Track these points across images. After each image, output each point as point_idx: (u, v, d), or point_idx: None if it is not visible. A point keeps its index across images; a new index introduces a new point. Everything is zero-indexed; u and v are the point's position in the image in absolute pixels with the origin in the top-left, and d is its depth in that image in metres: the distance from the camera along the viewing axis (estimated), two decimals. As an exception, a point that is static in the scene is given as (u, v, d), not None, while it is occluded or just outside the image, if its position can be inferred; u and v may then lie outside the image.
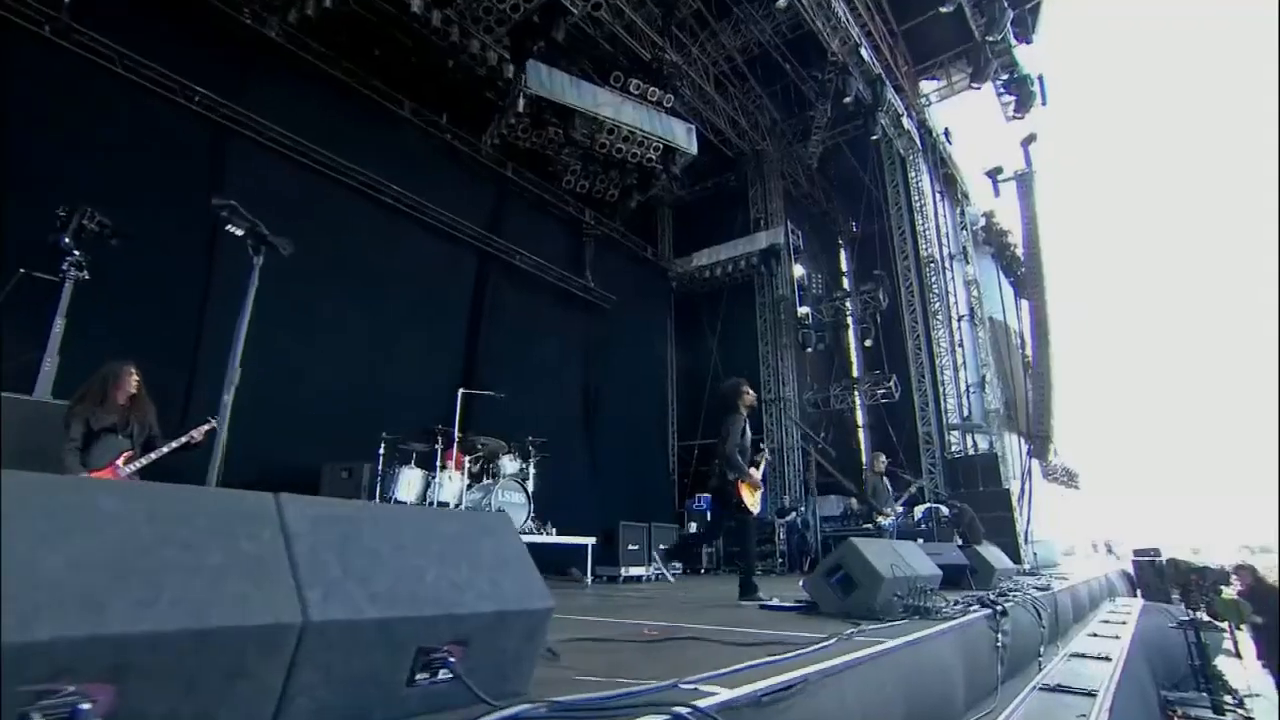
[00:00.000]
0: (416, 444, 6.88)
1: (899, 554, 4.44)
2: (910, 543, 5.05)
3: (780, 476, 13.67)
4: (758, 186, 15.52)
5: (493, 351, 10.48)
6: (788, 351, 14.28)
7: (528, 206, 11.60)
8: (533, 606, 1.72)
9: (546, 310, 11.64)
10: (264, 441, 7.12)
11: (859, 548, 4.10)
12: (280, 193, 7.83)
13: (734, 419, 5.10)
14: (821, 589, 4.17)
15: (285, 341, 7.61)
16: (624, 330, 13.13)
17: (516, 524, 6.85)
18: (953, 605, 4.21)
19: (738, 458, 4.99)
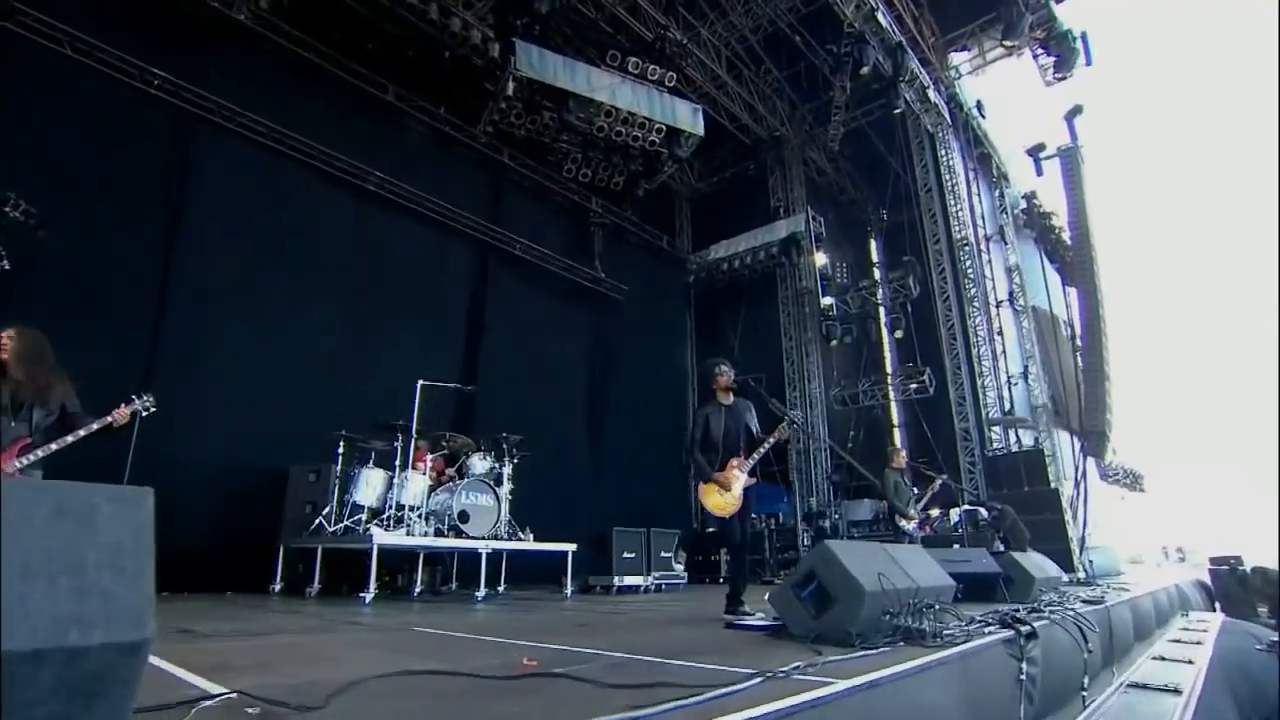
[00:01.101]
0: (377, 442, 6.26)
1: (895, 561, 3.52)
2: (915, 548, 4.10)
3: (808, 479, 12.65)
4: (777, 174, 14.58)
5: (494, 347, 9.89)
6: (813, 346, 13.30)
7: (528, 195, 11.04)
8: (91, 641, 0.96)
9: (552, 303, 10.98)
10: (231, 442, 6.68)
11: (835, 553, 3.21)
12: (252, 181, 7.43)
13: (700, 409, 4.37)
14: (789, 605, 3.29)
15: (263, 338, 7.23)
16: (638, 325, 12.40)
17: (484, 528, 6.14)
18: (963, 625, 3.27)
19: (695, 455, 4.23)
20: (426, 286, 9.12)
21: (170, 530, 5.96)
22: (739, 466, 4.27)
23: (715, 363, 4.50)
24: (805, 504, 12.22)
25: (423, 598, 6.32)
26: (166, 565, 5.04)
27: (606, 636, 3.43)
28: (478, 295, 9.89)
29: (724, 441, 4.30)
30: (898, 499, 6.71)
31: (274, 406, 7.08)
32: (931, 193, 13.04)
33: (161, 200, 6.57)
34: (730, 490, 4.18)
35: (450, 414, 8.70)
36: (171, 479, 6.11)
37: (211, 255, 6.85)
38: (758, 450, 4.25)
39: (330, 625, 3.67)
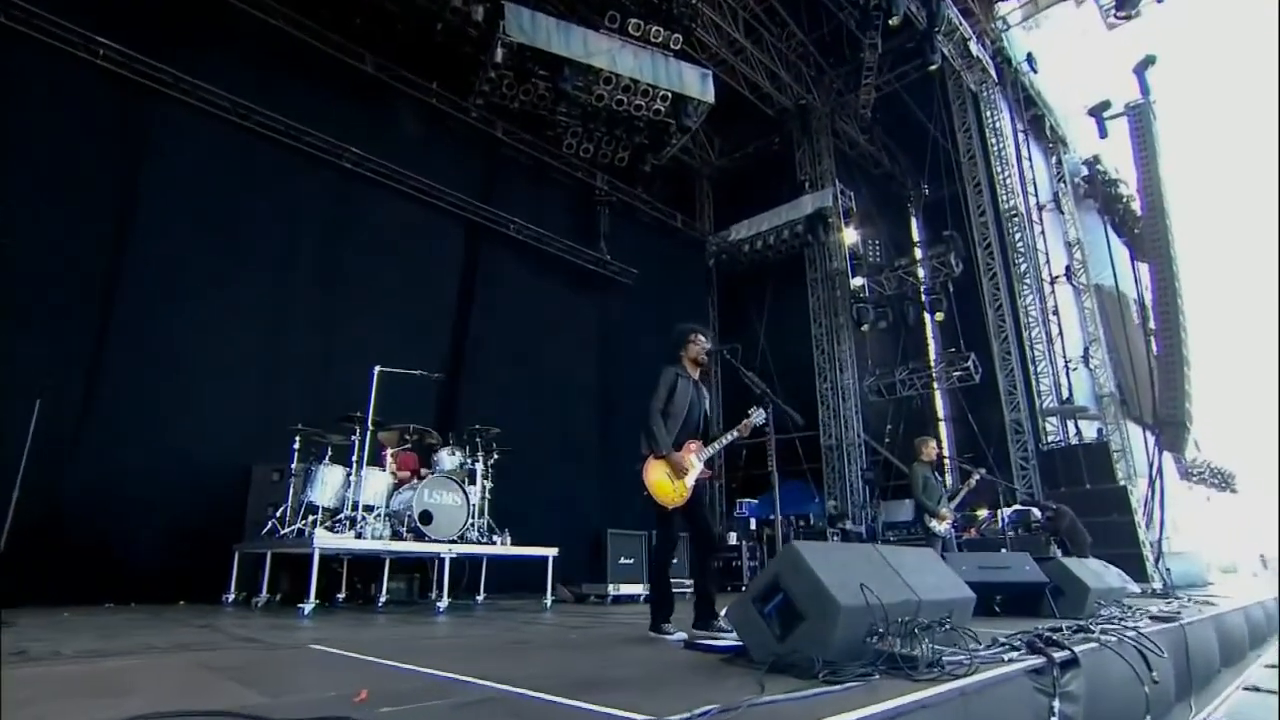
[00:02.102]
0: (334, 436, 5.90)
1: (891, 568, 2.88)
2: (923, 552, 3.43)
3: (841, 477, 11.89)
4: (804, 148, 13.85)
5: (484, 335, 9.49)
6: (844, 332, 12.59)
7: (525, 173, 10.61)
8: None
9: (552, 288, 10.51)
10: (192, 440, 6.46)
11: (805, 557, 2.59)
12: (215, 160, 7.18)
13: (669, 368, 3.77)
14: (750, 622, 2.69)
15: (228, 329, 6.98)
16: (650, 312, 11.80)
17: (450, 530, 5.68)
18: (975, 651, 2.62)
19: (657, 422, 3.61)
20: (410, 271, 8.76)
21: (121, 537, 5.73)
22: (697, 453, 3.69)
23: (692, 328, 3.91)
24: (838, 504, 11.44)
25: (386, 608, 5.91)
26: (114, 574, 4.62)
27: (526, 659, 2.90)
28: (467, 279, 9.51)
29: (687, 418, 3.73)
30: (927, 497, 6.00)
31: (239, 401, 6.83)
32: (975, 160, 12.10)
33: (113, 183, 6.33)
34: (683, 479, 3.59)
35: (433, 407, 8.36)
36: (123, 481, 5.90)
37: (170, 241, 6.60)
38: (719, 440, 3.71)
39: (211, 643, 3.23)
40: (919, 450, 6.23)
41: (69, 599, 5.00)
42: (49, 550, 5.14)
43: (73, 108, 6.28)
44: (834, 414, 12.18)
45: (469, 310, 9.46)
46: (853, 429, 11.95)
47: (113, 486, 5.79)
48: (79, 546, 5.45)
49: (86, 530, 5.51)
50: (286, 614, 4.82)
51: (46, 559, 5.05)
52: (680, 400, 3.70)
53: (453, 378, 9.03)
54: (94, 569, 5.41)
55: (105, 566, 5.48)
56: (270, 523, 5.67)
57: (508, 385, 9.40)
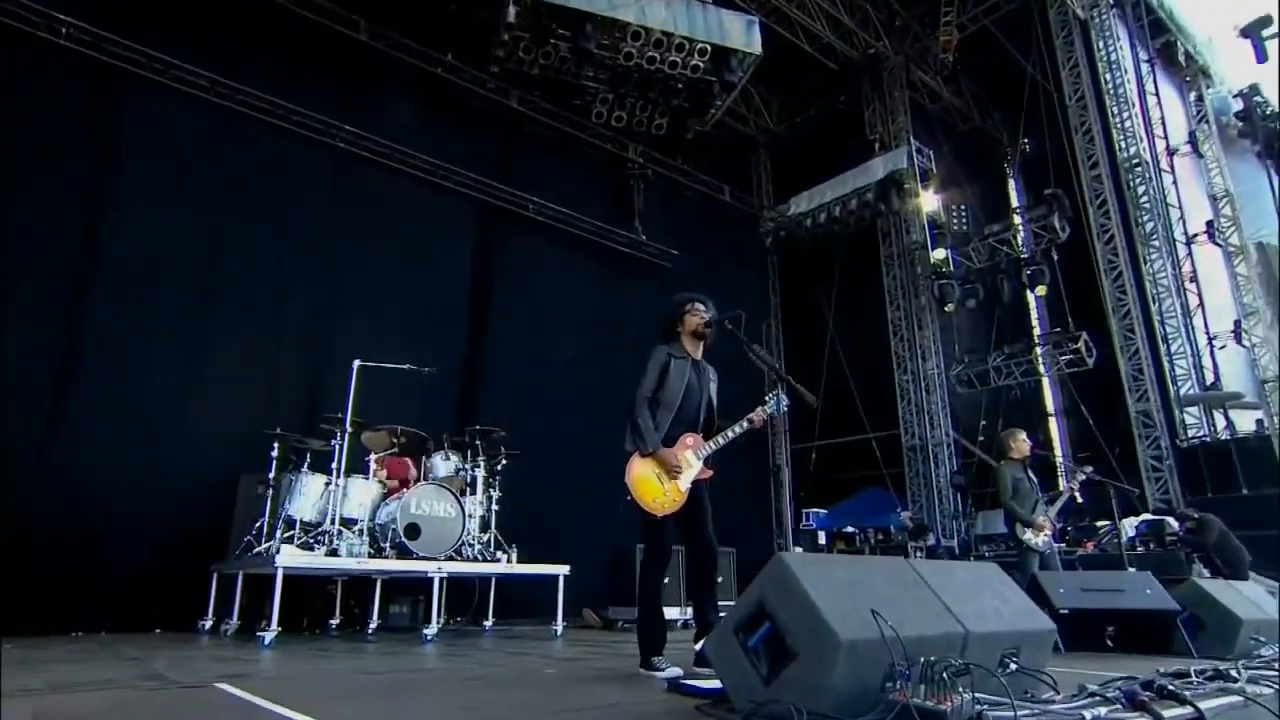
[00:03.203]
0: (315, 441, 5.76)
1: (925, 588, 2.34)
2: (983, 568, 2.83)
3: (926, 483, 11.06)
4: (875, 105, 13.03)
5: (506, 329, 9.25)
6: (926, 315, 11.75)
7: (548, 147, 10.36)
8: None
9: (581, 274, 10.21)
10: (173, 449, 6.47)
11: (795, 575, 2.10)
12: (195, 145, 7.18)
13: (660, 349, 3.49)
14: (731, 658, 2.21)
15: (213, 326, 6.96)
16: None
17: (441, 546, 5.39)
18: (1049, 704, 2.04)
19: (642, 413, 3.33)
20: (417, 260, 8.60)
21: (92, 557, 5.70)
22: (695, 449, 3.37)
23: (689, 297, 3.64)
24: (919, 515, 10.59)
25: (378, 636, 5.69)
26: (84, 600, 4.43)
27: (454, 702, 2.49)
28: (483, 267, 9.30)
29: (683, 406, 3.40)
30: (1018, 502, 5.31)
31: (227, 404, 6.77)
32: (1085, 102, 11.00)
33: (82, 172, 6.39)
34: (674, 480, 3.26)
35: (451, 409, 8.18)
36: (96, 495, 5.89)
37: (146, 232, 6.61)
38: (724, 433, 3.38)
39: (106, 682, 2.99)
40: (1006, 446, 5.67)
41: (31, 628, 4.92)
42: (9, 573, 5.11)
43: (36, 92, 6.33)
44: (916, 410, 11.35)
45: (487, 302, 9.25)
46: (939, 426, 11.09)
47: (84, 501, 5.79)
48: (45, 569, 5.43)
49: (53, 551, 5.49)
50: (247, 643, 4.61)
51: (5, 583, 5.01)
52: (674, 385, 3.39)
53: (471, 377, 8.89)
54: (61, 594, 5.38)
55: (74, 591, 5.46)
56: (247, 539, 5.52)
57: (532, 384, 9.13)
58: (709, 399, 3.53)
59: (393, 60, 8.73)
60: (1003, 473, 5.50)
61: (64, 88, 6.49)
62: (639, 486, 3.24)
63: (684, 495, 3.27)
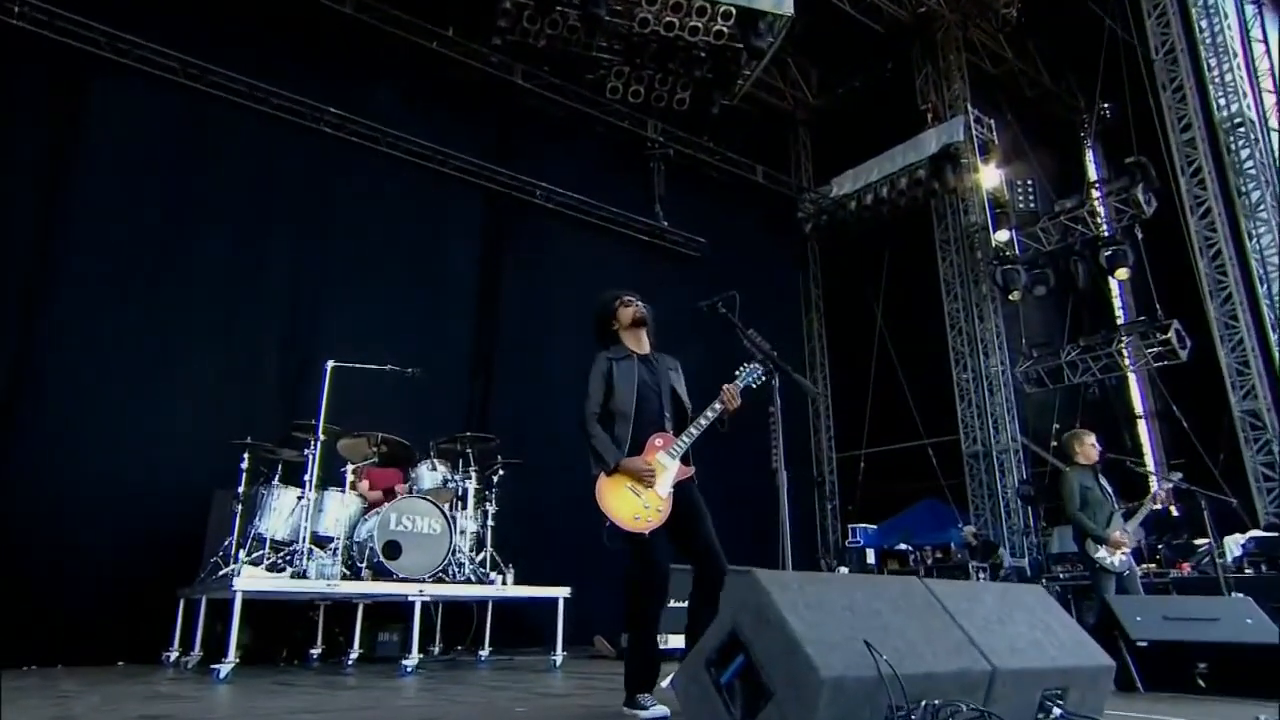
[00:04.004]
0: (287, 451, 5.63)
1: (944, 613, 2.06)
2: (1024, 591, 2.49)
3: (990, 494, 10.63)
4: (927, 71, 12.61)
5: (513, 328, 9.13)
6: (988, 305, 11.31)
7: (556, 127, 10.19)
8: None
9: (596, 265, 9.96)
10: (140, 462, 6.39)
11: (774, 598, 1.83)
12: (162, 132, 7.16)
13: (600, 357, 3.41)
14: (700, 696, 2.01)
15: (183, 328, 6.92)
16: (729, 288, 10.98)
17: (425, 566, 5.22)
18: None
19: (593, 430, 3.23)
20: (414, 254, 8.54)
21: (49, 583, 5.66)
22: (667, 448, 3.22)
23: (612, 294, 3.61)
24: (984, 532, 10.11)
25: (358, 666, 5.57)
26: (39, 631, 4.17)
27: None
28: (489, 260, 9.20)
29: (641, 409, 3.28)
30: (1086, 515, 4.90)
31: (200, 415, 6.71)
32: (1176, 54, 10.34)
33: (39, 162, 6.39)
34: (652, 487, 3.12)
35: (455, 415, 8.05)
36: (53, 514, 5.86)
37: (111, 227, 6.60)
38: (696, 422, 3.26)
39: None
40: (1071, 449, 5.29)
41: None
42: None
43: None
44: (978, 412, 10.88)
45: (493, 298, 9.13)
46: (1005, 431, 10.61)
47: (40, 522, 5.75)
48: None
49: (3, 576, 5.40)
50: (205, 677, 4.47)
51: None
52: (623, 390, 3.29)
53: (480, 380, 8.82)
54: (14, 624, 5.28)
55: (28, 620, 5.35)
56: (213, 560, 5.41)
57: (544, 387, 8.92)
58: (672, 392, 3.40)
59: (381, 35, 8.62)
60: (1068, 480, 5.14)
61: (18, 72, 6.48)
62: (614, 506, 3.08)
63: (667, 502, 3.12)
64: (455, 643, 6.85)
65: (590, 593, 6.02)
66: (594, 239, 10.00)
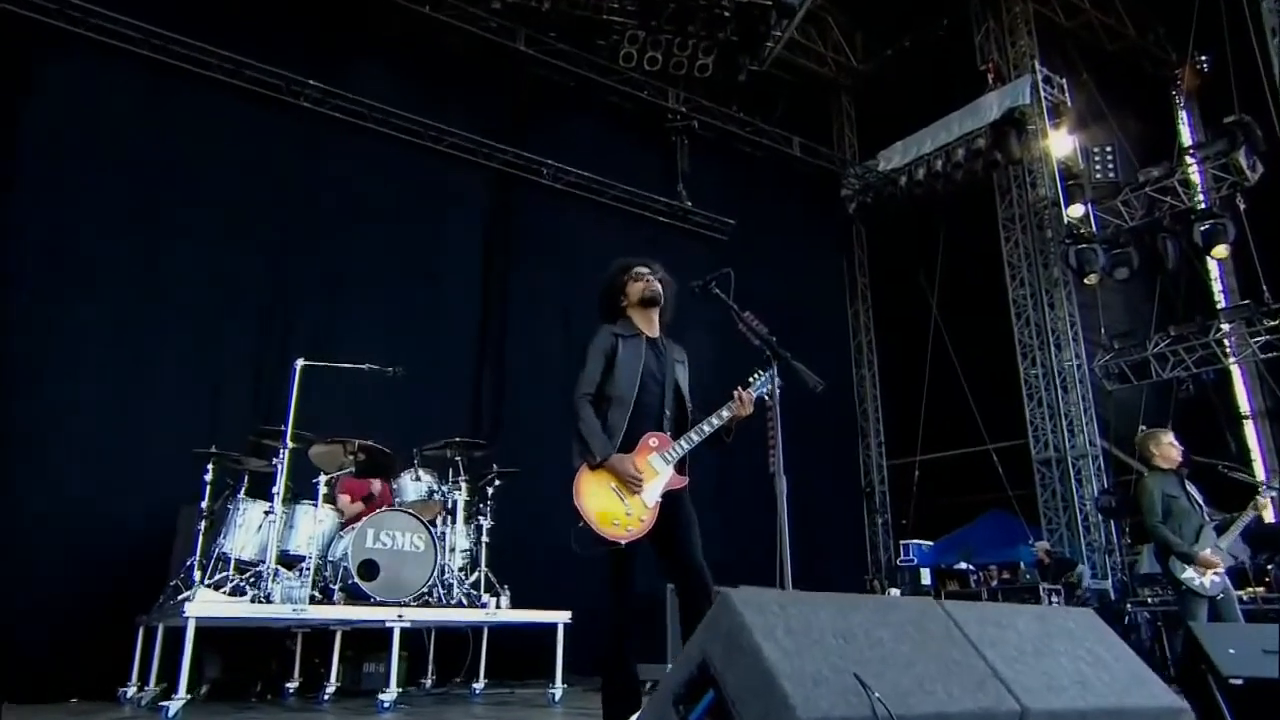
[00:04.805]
0: (255, 461, 5.61)
1: (964, 642, 2.14)
2: (1071, 616, 2.31)
3: (1066, 506, 10.34)
4: (988, 25, 12.34)
5: (522, 322, 9.05)
6: (1060, 290, 11.02)
7: (566, 99, 10.14)
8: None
9: (612, 249, 9.83)
10: (98, 477, 6.39)
11: (746, 622, 1.79)
12: (129, 110, 7.17)
13: (604, 330, 3.35)
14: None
15: (149, 329, 6.94)
16: (758, 276, 10.86)
17: (406, 588, 5.15)
18: None
19: (584, 412, 3.14)
20: (408, 241, 8.51)
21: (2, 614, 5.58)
22: (661, 451, 3.16)
23: (626, 262, 3.50)
24: (1059, 549, 9.92)
25: (335, 700, 5.50)
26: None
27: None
28: (491, 249, 9.14)
29: (641, 398, 3.20)
30: (1171, 528, 4.66)
31: (166, 423, 6.67)
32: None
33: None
34: (637, 494, 3.05)
35: (456, 418, 7.98)
36: (4, 534, 5.81)
37: (67, 215, 6.61)
38: (699, 427, 3.21)
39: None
40: (1147, 451, 5.11)
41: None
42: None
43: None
44: (1049, 412, 10.59)
45: (501, 288, 9.10)
46: (1081, 434, 10.27)
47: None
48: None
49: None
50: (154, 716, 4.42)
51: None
52: (625, 373, 3.20)
53: (484, 381, 8.79)
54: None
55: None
56: (173, 584, 5.40)
57: (558, 387, 8.83)
58: (677, 386, 3.33)
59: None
60: (1147, 487, 4.93)
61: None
62: (591, 506, 2.99)
63: (653, 512, 3.06)
64: (451, 674, 6.77)
65: (596, 618, 5.87)
66: (609, 221, 9.94)
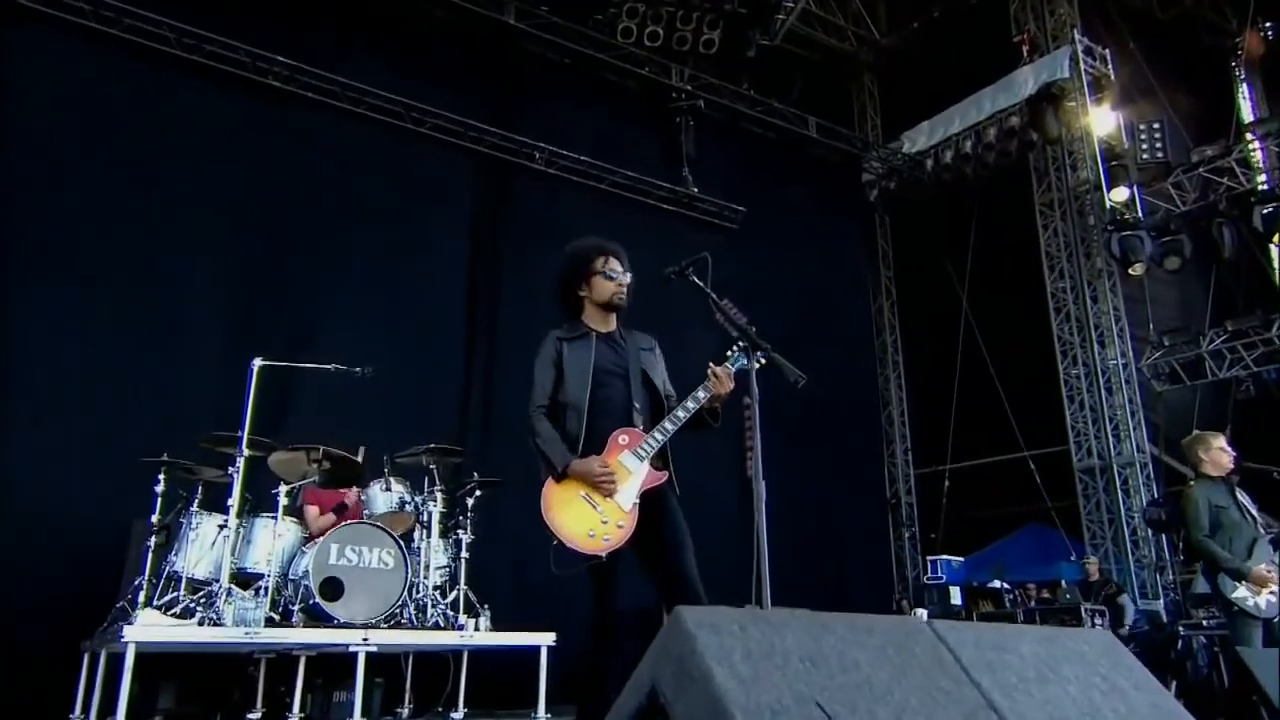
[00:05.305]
0: (210, 470, 5.45)
1: (955, 669, 1.92)
2: (1076, 634, 2.27)
3: (1112, 519, 10.23)
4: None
5: (515, 319, 8.91)
6: (1103, 281, 10.93)
7: (560, 79, 10.04)
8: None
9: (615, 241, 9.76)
10: (52, 488, 6.31)
11: (697, 645, 1.67)
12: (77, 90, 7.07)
13: (550, 337, 3.30)
14: None
15: (102, 329, 6.86)
16: (772, 269, 10.94)
17: (374, 608, 5.03)
18: None
19: (540, 426, 3.16)
20: (384, 234, 8.39)
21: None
22: (633, 447, 3.08)
23: (595, 246, 3.38)
24: (1110, 566, 9.82)
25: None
26: None
27: None
28: (478, 241, 9.04)
29: (599, 399, 3.18)
30: (1220, 542, 4.60)
31: (123, 430, 6.56)
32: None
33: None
34: (610, 497, 2.98)
35: (443, 424, 7.92)
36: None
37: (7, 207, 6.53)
38: (674, 414, 3.12)
39: None
40: (1194, 456, 5.00)
41: None
42: None
43: None
44: (1093, 416, 10.48)
45: (493, 283, 9.02)
46: (1128, 439, 10.14)
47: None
48: None
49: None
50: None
51: None
52: (575, 375, 3.17)
53: (474, 383, 8.70)
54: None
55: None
56: (120, 605, 5.25)
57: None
58: (645, 377, 3.28)
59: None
60: (1192, 497, 4.82)
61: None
62: (563, 521, 2.93)
63: (631, 515, 2.99)
64: (431, 702, 6.63)
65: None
66: (607, 210, 9.79)
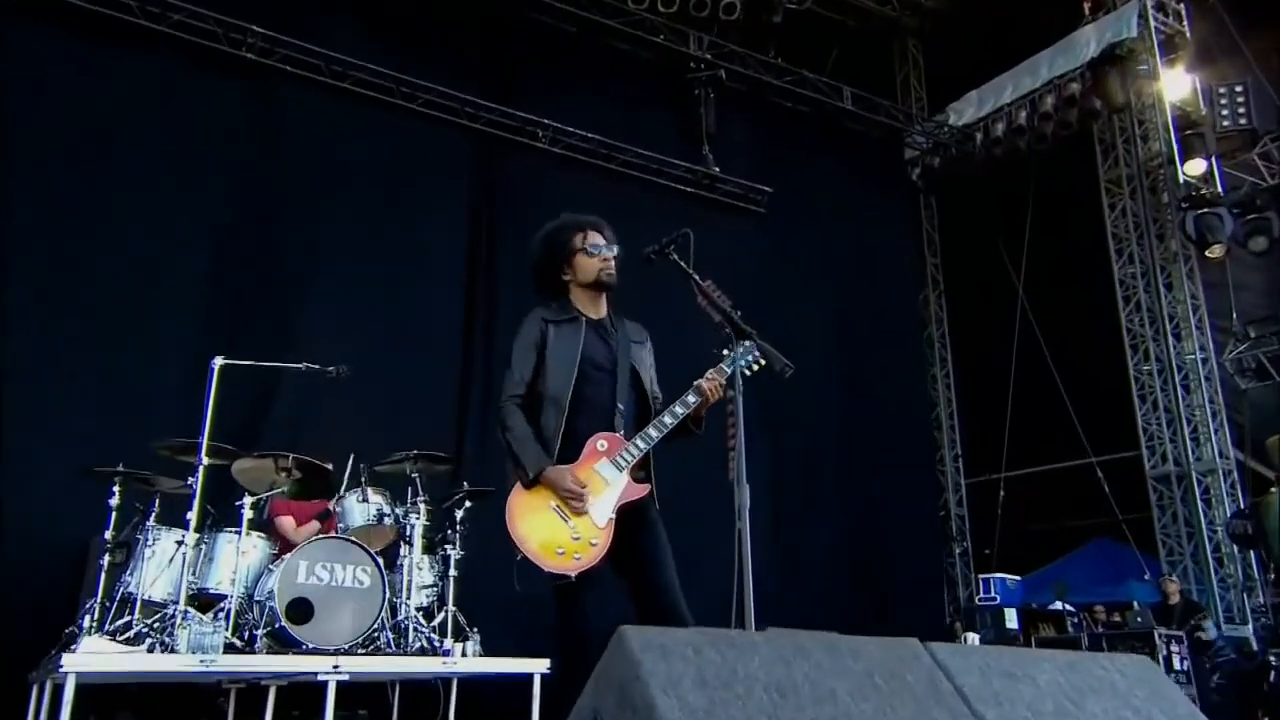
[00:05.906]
0: (167, 481, 5.38)
1: (953, 696, 1.91)
2: (1103, 659, 2.48)
3: (1193, 532, 10.03)
4: (1083, -55, 12.01)
5: (516, 316, 8.73)
6: (1177, 266, 10.82)
7: (566, 50, 10.02)
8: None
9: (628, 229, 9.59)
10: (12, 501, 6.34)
11: (641, 671, 1.62)
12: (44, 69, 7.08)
13: (533, 316, 3.29)
14: None
15: (76, 325, 6.92)
16: (803, 257, 10.97)
17: (346, 632, 4.96)
18: None
19: (511, 420, 3.09)
20: (374, 219, 8.40)
21: None
22: (612, 455, 3.05)
23: (576, 222, 3.46)
24: (1189, 586, 9.61)
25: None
26: None
27: None
28: (477, 226, 9.02)
29: (580, 392, 3.14)
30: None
31: (80, 440, 6.55)
32: None
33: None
34: (583, 514, 2.93)
35: (439, 430, 7.89)
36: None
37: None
38: (660, 420, 3.09)
39: None
40: (1276, 460, 4.92)
41: None
42: None
43: None
44: (1167, 418, 10.36)
45: (491, 272, 8.98)
46: (1208, 443, 10.01)
47: None
48: None
49: None
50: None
51: None
52: (558, 364, 3.14)
53: (472, 385, 8.63)
54: None
55: None
56: (69, 630, 5.17)
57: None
58: (634, 374, 3.26)
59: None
60: (1272, 507, 4.74)
61: None
62: (528, 533, 2.86)
63: (606, 532, 2.93)
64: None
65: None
66: (619, 191, 9.78)
